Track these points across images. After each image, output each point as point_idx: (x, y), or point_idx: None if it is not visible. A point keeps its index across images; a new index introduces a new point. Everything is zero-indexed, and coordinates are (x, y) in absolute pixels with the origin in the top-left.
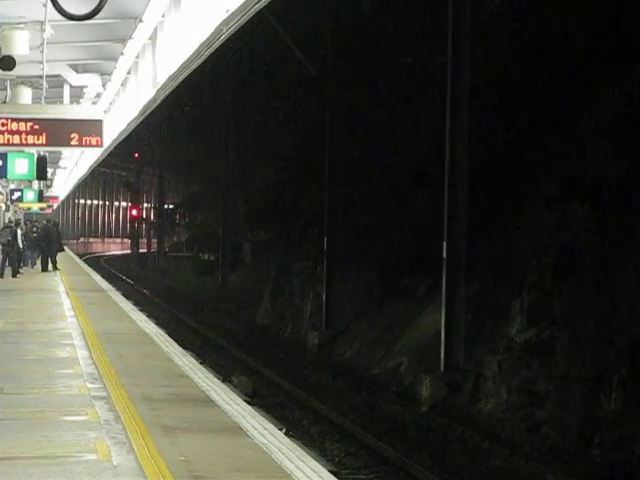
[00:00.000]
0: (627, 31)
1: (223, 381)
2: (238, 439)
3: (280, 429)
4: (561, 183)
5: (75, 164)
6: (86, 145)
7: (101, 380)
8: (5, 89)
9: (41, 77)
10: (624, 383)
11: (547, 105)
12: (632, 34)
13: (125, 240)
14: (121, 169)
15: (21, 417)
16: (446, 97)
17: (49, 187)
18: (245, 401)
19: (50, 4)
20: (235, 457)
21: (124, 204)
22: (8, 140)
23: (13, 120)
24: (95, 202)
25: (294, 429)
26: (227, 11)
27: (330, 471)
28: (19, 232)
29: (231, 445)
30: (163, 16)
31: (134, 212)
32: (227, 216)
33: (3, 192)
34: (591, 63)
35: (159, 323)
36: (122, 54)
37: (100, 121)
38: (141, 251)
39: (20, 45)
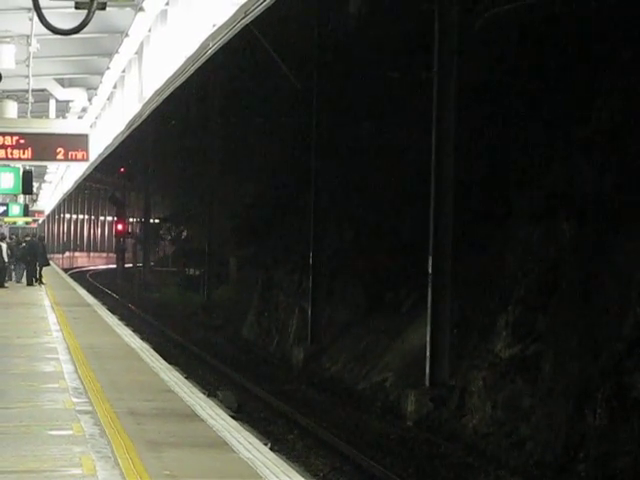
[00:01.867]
0: (612, 44)
1: (208, 396)
2: (223, 454)
3: (265, 444)
4: (547, 199)
5: (61, 178)
6: (72, 159)
7: (86, 394)
8: None
9: (27, 91)
10: (608, 398)
11: (533, 120)
12: (617, 47)
13: (111, 255)
14: (107, 184)
15: (6, 431)
16: (432, 114)
17: (35, 201)
18: (230, 416)
19: (36, 18)
20: (220, 472)
21: (109, 218)
22: None
23: None
24: (81, 216)
25: (279, 444)
26: (213, 26)
27: None
28: (4, 246)
29: (216, 460)
30: (149, 31)
31: (120, 227)
32: (213, 231)
33: None
34: (576, 78)
35: (144, 338)
36: (108, 68)
37: (86, 135)
38: (127, 266)
39: (6, 59)
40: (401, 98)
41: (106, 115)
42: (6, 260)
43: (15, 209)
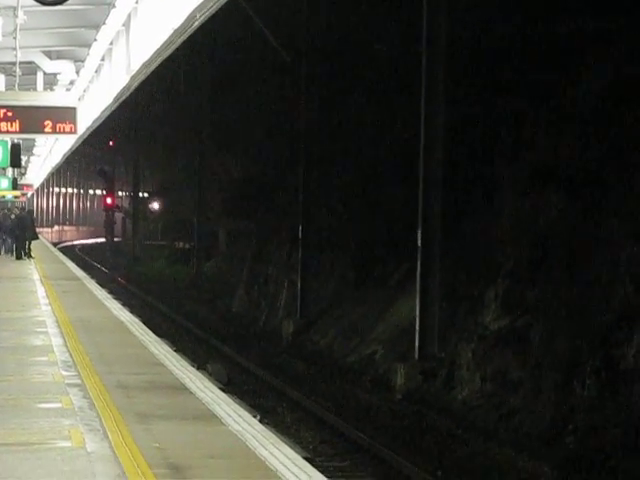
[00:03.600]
0: (602, 15)
1: (198, 369)
2: (212, 426)
3: (254, 416)
4: (535, 171)
5: (49, 152)
6: (60, 132)
7: (75, 368)
8: None
9: (14, 64)
10: (597, 370)
11: (521, 91)
12: (606, 19)
13: (100, 228)
14: (96, 157)
15: None
16: (421, 86)
17: (23, 175)
18: (220, 389)
19: None
20: (209, 444)
21: (99, 192)
22: None
23: None
24: (70, 190)
25: (269, 417)
26: None
27: (304, 458)
28: None
29: (205, 432)
30: (136, 2)
31: (108, 200)
32: (202, 204)
33: None
34: (565, 50)
35: (134, 311)
36: (95, 40)
37: (74, 108)
38: (116, 239)
39: None
40: (390, 70)
41: (94, 88)
42: None
43: (3, 182)
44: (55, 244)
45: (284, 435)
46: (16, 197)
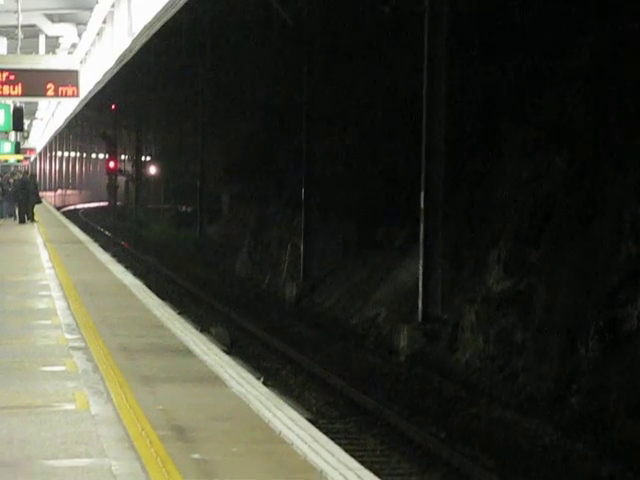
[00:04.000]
0: None
1: (201, 332)
2: (216, 389)
3: (258, 379)
4: (538, 132)
5: (52, 115)
6: (62, 95)
7: (79, 331)
8: None
9: (16, 27)
10: (601, 331)
11: (524, 53)
12: None
13: (103, 192)
14: (98, 121)
15: (0, 367)
16: (423, 46)
17: (26, 139)
18: (223, 351)
19: None
20: (213, 406)
21: (101, 156)
22: None
23: None
24: (72, 154)
25: (272, 379)
26: None
27: (308, 420)
28: None
29: (209, 394)
30: None
31: (111, 164)
32: (205, 168)
33: None
34: (567, 10)
35: (137, 274)
36: (97, 3)
37: (76, 71)
38: (119, 203)
39: None
40: (393, 33)
41: (96, 51)
42: None
43: (6, 147)
44: (58, 208)
45: (287, 397)
46: (19, 161)
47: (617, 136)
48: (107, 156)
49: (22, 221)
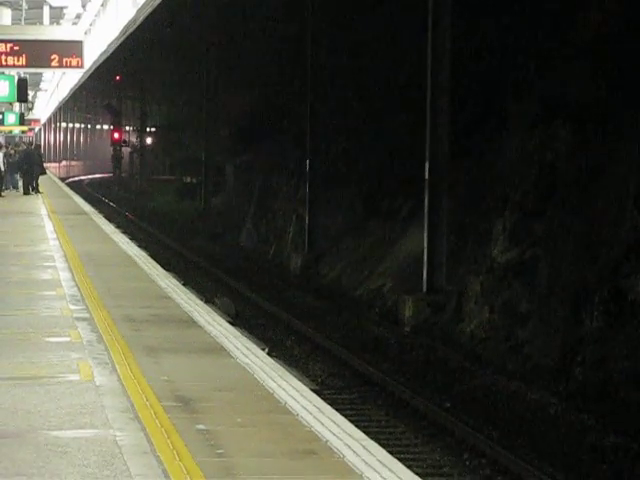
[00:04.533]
0: None
1: (206, 302)
2: (221, 359)
3: (262, 349)
4: (543, 103)
5: (56, 86)
6: (67, 66)
7: (84, 302)
8: None
9: None
10: (606, 302)
11: (528, 26)
12: None
13: (108, 163)
14: (103, 92)
15: (4, 339)
16: (427, 17)
17: (30, 110)
18: (228, 322)
19: None
20: (218, 377)
21: (105, 127)
22: None
23: None
24: (77, 125)
25: (277, 350)
26: None
27: (313, 390)
28: (0, 155)
29: (214, 365)
30: None
31: (116, 135)
32: (209, 138)
33: None
34: None
35: (141, 245)
36: None
37: (80, 42)
38: (123, 174)
39: None
40: (397, 3)
41: (100, 22)
42: (2, 169)
43: (11, 118)
44: (63, 179)
45: (292, 368)
46: (23, 132)
47: (621, 108)
48: (111, 127)
49: (26, 192)
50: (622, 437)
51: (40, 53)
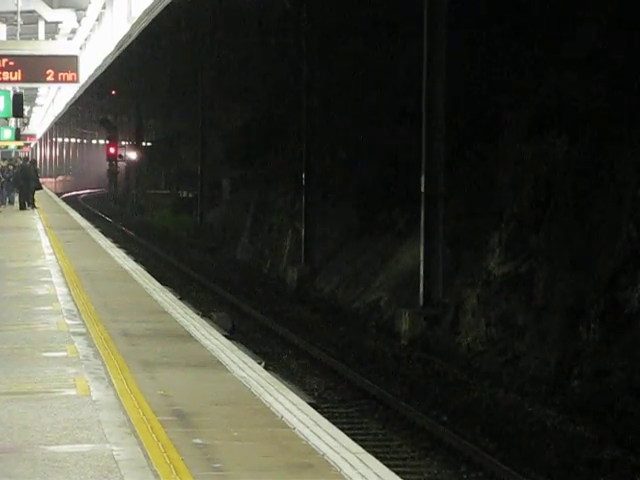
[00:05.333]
0: None
1: (202, 316)
2: (217, 373)
3: (259, 363)
4: (539, 115)
5: (52, 101)
6: (62, 81)
7: (80, 316)
8: None
9: (16, 13)
10: (602, 314)
11: (523, 37)
12: None
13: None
14: (99, 107)
15: (1, 354)
16: (423, 30)
17: (26, 125)
18: (224, 336)
19: None
20: (214, 391)
21: (101, 142)
22: None
23: None
24: (73, 140)
25: (274, 364)
26: None
27: (310, 404)
28: None
29: (210, 379)
30: None
31: (111, 150)
32: (206, 153)
33: None
34: None
35: (138, 260)
36: None
37: (76, 57)
38: (119, 189)
39: None
40: (393, 14)
41: (95, 37)
42: None
43: (6, 133)
44: (59, 194)
45: (289, 382)
46: (19, 147)
47: (617, 118)
48: (107, 142)
49: (22, 207)
50: (620, 450)
51: (35, 68)
